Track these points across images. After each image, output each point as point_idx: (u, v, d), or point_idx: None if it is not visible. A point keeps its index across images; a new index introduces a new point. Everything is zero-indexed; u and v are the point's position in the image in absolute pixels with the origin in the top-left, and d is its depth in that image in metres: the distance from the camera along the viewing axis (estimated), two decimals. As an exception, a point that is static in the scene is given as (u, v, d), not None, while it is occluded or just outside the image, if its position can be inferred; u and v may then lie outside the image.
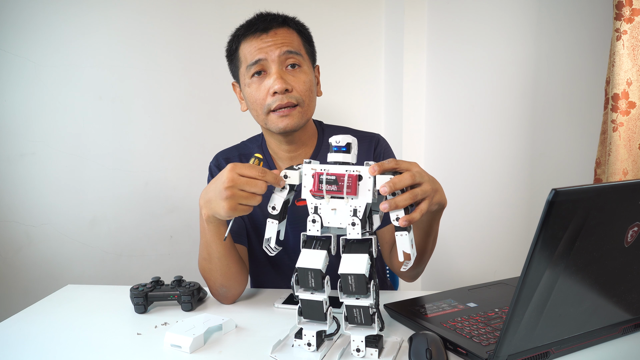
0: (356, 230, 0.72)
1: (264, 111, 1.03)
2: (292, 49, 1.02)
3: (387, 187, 0.71)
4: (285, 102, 1.01)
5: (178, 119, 1.80)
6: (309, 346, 0.74)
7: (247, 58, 1.03)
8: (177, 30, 1.77)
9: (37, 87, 1.65)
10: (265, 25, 1.02)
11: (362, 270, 0.70)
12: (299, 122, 1.04)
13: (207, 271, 0.96)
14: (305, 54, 1.07)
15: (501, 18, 1.66)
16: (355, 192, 0.72)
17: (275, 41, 1.01)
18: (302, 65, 1.04)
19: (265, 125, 1.07)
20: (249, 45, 1.03)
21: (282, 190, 0.77)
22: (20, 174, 1.66)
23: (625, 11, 1.07)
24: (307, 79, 1.04)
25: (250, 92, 1.04)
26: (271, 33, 1.02)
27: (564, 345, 0.72)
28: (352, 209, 0.73)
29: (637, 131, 1.11)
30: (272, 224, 0.78)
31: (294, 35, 1.05)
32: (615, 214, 0.65)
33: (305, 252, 0.73)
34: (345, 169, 0.73)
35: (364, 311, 0.72)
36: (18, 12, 1.61)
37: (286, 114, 1.02)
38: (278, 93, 1.00)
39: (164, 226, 1.81)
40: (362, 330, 0.73)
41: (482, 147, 1.78)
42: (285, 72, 1.02)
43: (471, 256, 1.87)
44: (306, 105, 1.05)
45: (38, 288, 1.69)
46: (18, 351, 0.78)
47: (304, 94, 1.03)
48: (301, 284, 0.73)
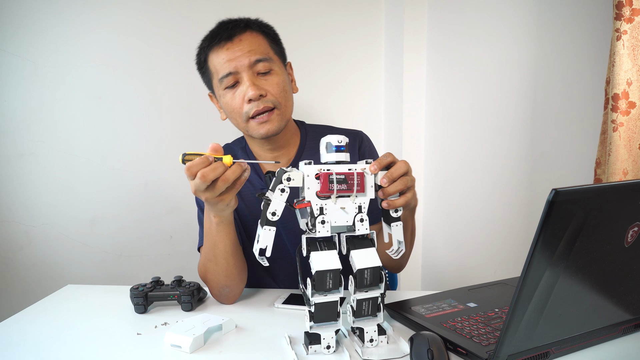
0: (365, 225, 0.75)
1: (243, 119, 1.04)
2: (260, 55, 1.02)
3: (386, 178, 0.76)
4: (262, 107, 1.01)
5: (178, 119, 1.80)
6: (329, 349, 0.74)
7: (217, 70, 1.03)
8: (177, 30, 1.77)
9: (36, 87, 1.65)
10: (229, 33, 1.02)
11: (377, 262, 0.74)
12: (279, 126, 1.05)
13: (212, 273, 0.96)
14: (275, 55, 1.07)
15: (501, 18, 1.66)
16: (364, 190, 0.75)
17: (242, 49, 1.01)
18: (273, 68, 1.04)
19: (247, 132, 1.08)
20: (217, 56, 1.03)
21: (282, 194, 0.74)
22: (20, 174, 1.66)
23: (625, 11, 1.07)
24: (279, 80, 1.04)
25: (227, 102, 1.04)
26: (236, 40, 1.02)
27: (564, 345, 0.72)
28: (357, 206, 0.75)
29: (637, 131, 1.11)
30: (270, 231, 0.74)
31: (259, 39, 1.05)
32: (615, 214, 0.65)
33: (317, 255, 0.73)
34: (348, 168, 0.74)
35: (373, 302, 0.76)
36: (18, 12, 1.61)
37: (265, 119, 1.02)
38: (253, 100, 1.01)
39: (164, 226, 1.81)
40: (369, 321, 0.77)
41: (482, 147, 1.78)
42: (257, 77, 1.02)
43: (471, 256, 1.87)
44: (283, 107, 1.05)
45: (38, 288, 1.69)
46: (18, 351, 0.78)
47: (279, 96, 1.04)
48: (318, 288, 0.73)
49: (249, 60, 1.01)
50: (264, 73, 1.03)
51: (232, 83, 1.02)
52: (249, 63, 1.01)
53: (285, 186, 0.74)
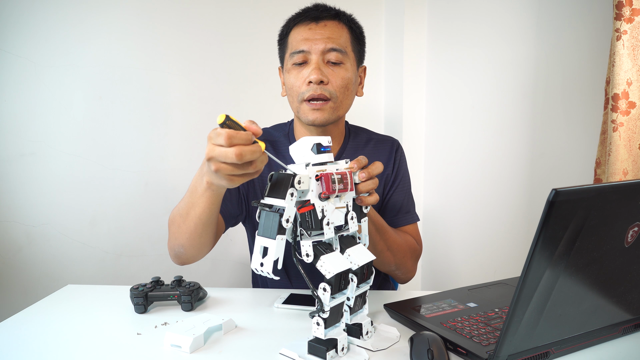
0: (355, 222, 0.77)
1: (298, 99, 1.05)
2: (337, 45, 1.03)
3: (365, 173, 0.78)
4: (319, 94, 1.02)
5: (178, 119, 1.80)
6: (343, 351, 0.73)
7: (293, 45, 1.05)
8: (178, 31, 1.77)
9: (37, 87, 1.65)
10: (317, 15, 1.05)
11: (372, 256, 0.76)
12: (328, 118, 1.05)
13: (176, 227, 0.94)
14: (351, 52, 1.07)
15: (501, 18, 1.66)
16: (353, 188, 0.76)
17: (323, 34, 1.03)
18: (345, 63, 1.05)
19: (297, 114, 1.08)
20: (298, 33, 1.05)
21: (292, 199, 0.67)
22: (20, 174, 1.66)
23: (625, 11, 1.07)
24: (345, 75, 1.05)
25: (289, 79, 1.06)
26: (320, 24, 1.04)
27: (564, 345, 0.72)
28: (345, 204, 0.76)
29: (637, 131, 1.11)
30: (282, 240, 0.66)
31: (343, 31, 1.06)
32: (615, 214, 0.65)
33: (327, 258, 0.71)
34: (336, 168, 0.75)
35: (363, 296, 0.79)
36: (18, 12, 1.61)
37: (318, 107, 1.04)
38: (313, 83, 1.02)
39: (164, 226, 1.80)
40: (360, 315, 0.80)
41: (482, 147, 1.78)
42: (325, 65, 1.04)
43: (471, 256, 1.87)
44: (339, 102, 1.05)
45: (38, 288, 1.69)
46: (18, 351, 0.78)
47: (338, 90, 1.04)
48: (334, 291, 0.72)
49: (324, 46, 1.03)
50: (334, 63, 1.04)
51: (301, 61, 1.04)
52: (323, 48, 1.03)
53: (294, 190, 0.67)
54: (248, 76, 1.88)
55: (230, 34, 1.84)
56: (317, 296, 0.71)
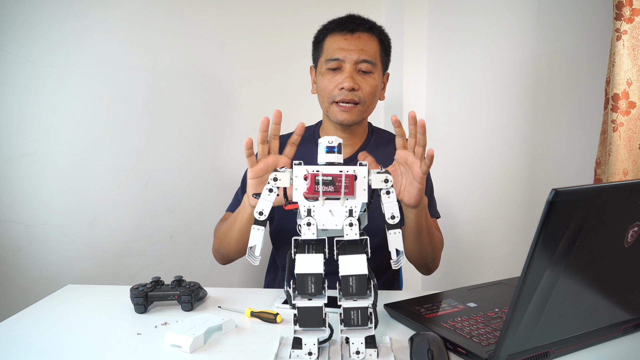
0: (354, 230, 0.72)
1: (329, 101, 1.17)
2: (369, 57, 1.15)
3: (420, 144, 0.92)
4: (349, 98, 1.14)
5: (178, 119, 1.80)
6: (310, 355, 0.72)
7: (328, 52, 1.17)
8: (178, 31, 1.77)
9: (36, 87, 1.64)
10: (353, 27, 1.16)
11: (364, 270, 0.70)
12: (356, 119, 1.17)
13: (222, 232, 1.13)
14: (380, 63, 1.19)
15: (501, 18, 1.66)
16: (353, 192, 0.72)
17: (357, 45, 1.14)
18: (374, 72, 1.17)
19: (326, 113, 1.21)
20: (334, 41, 1.16)
21: (269, 194, 0.74)
22: (20, 174, 1.66)
23: (625, 11, 1.07)
24: (374, 83, 1.17)
25: (323, 81, 1.18)
26: (355, 35, 1.15)
27: (564, 345, 0.72)
28: (347, 209, 0.72)
29: (637, 131, 1.11)
30: (258, 230, 0.75)
31: (374, 43, 1.17)
32: (615, 214, 0.65)
33: (302, 258, 0.71)
34: (339, 170, 0.72)
35: (362, 312, 0.72)
36: (18, 12, 1.61)
37: (347, 109, 1.15)
38: (345, 89, 1.13)
39: (164, 226, 1.81)
40: (359, 332, 0.73)
41: (482, 147, 1.78)
42: (357, 73, 1.15)
43: (471, 256, 1.87)
44: (366, 106, 1.18)
45: (38, 288, 1.69)
46: (18, 351, 0.78)
47: (367, 96, 1.16)
48: (299, 291, 0.72)
49: (357, 57, 1.14)
50: (364, 72, 1.16)
51: (335, 67, 1.16)
52: (357, 59, 1.14)
53: (272, 186, 0.74)
54: (248, 76, 1.88)
55: (230, 34, 1.84)
56: (286, 292, 0.73)
